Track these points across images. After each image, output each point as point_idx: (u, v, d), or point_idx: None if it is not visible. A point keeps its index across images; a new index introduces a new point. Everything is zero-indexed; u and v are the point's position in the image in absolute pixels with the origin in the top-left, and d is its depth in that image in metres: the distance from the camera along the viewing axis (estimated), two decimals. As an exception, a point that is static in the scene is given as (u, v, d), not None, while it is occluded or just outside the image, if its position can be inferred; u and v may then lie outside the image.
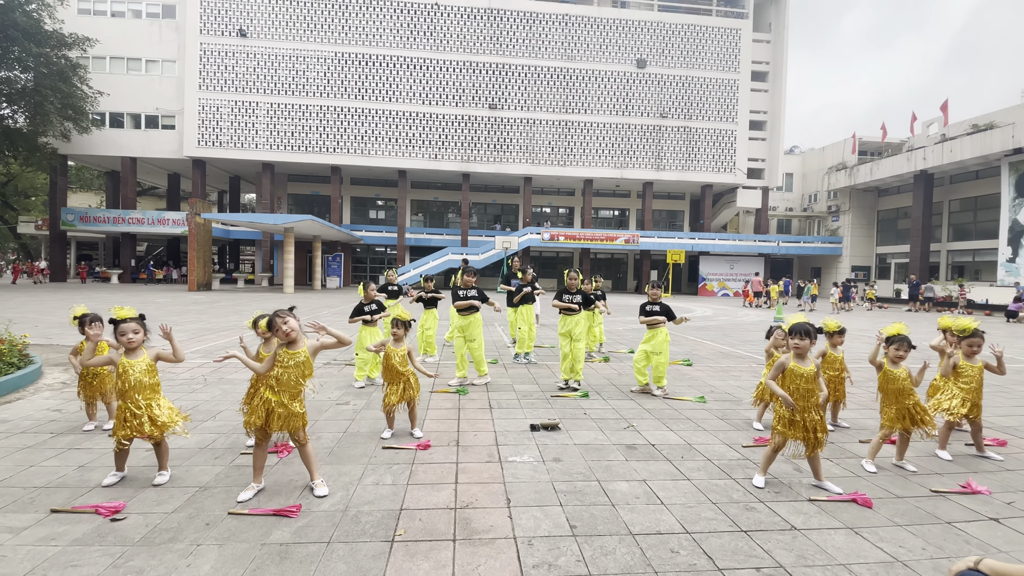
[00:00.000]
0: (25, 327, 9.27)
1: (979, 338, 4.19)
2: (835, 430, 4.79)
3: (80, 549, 2.46)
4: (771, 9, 34.94)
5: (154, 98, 29.58)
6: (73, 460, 3.56)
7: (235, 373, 6.49)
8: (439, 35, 30.84)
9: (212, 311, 14.47)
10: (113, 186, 34.43)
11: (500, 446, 4.09)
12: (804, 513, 3.07)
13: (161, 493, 3.08)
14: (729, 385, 6.65)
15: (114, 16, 29.39)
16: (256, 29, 29.49)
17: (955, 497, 3.36)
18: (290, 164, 31.30)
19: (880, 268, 34.84)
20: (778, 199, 40.02)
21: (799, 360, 3.38)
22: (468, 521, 2.85)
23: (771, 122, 34.73)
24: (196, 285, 24.12)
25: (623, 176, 32.72)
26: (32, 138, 24.44)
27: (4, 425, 4.28)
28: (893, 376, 3.79)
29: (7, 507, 2.86)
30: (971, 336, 4.19)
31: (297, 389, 3.10)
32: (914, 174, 29.18)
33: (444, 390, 5.86)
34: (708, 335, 12.12)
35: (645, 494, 3.28)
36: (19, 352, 5.85)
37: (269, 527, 2.71)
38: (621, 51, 32.20)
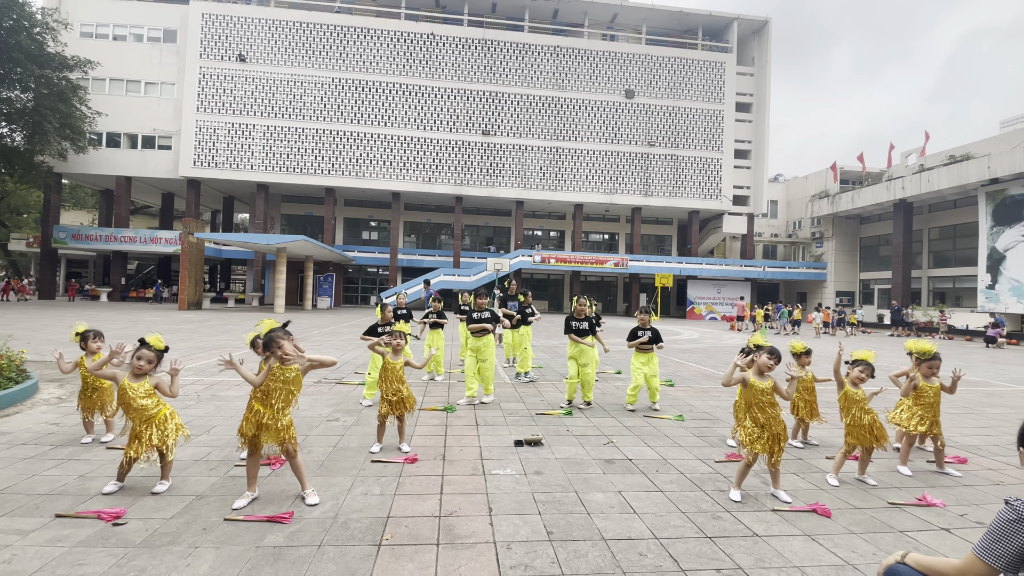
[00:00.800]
0: (18, 344, 9.32)
1: (937, 360, 4.49)
2: (804, 447, 5.03)
3: (85, 550, 2.62)
4: (754, 43, 36.39)
5: (152, 119, 29.99)
6: (73, 470, 3.70)
7: (228, 390, 6.63)
8: (434, 63, 31.74)
9: (203, 330, 14.54)
10: (107, 204, 34.54)
11: (484, 460, 4.28)
12: (766, 522, 3.29)
13: (160, 501, 3.23)
14: (708, 405, 6.88)
15: (116, 39, 29.99)
16: (255, 54, 30.19)
17: (911, 509, 3.60)
18: (285, 185, 31.69)
19: (864, 293, 35.58)
20: (763, 225, 40.96)
21: (759, 377, 3.65)
22: (451, 528, 3.04)
23: (755, 151, 35.80)
24: (187, 304, 24.10)
25: (612, 201, 33.43)
26: (29, 157, 24.65)
27: (5, 437, 4.41)
28: (852, 396, 4.07)
29: (14, 512, 3.01)
30: (931, 359, 4.49)
31: (287, 403, 3.28)
32: (894, 203, 30.12)
33: (432, 407, 6.04)
34: (693, 357, 12.39)
35: (619, 504, 3.48)
36: (17, 367, 5.97)
37: (263, 532, 2.88)
38: (610, 81, 33.28)
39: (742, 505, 3.53)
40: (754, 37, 36.34)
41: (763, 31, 35.44)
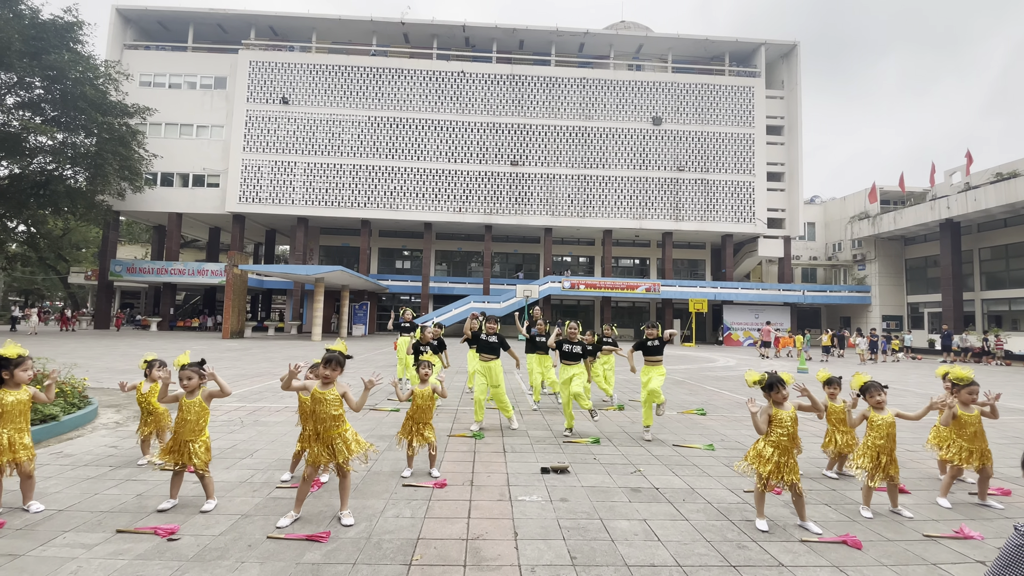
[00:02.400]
0: (77, 372, 10.01)
1: (975, 387, 4.36)
2: (839, 479, 4.91)
3: (143, 562, 2.86)
4: (783, 67, 36.31)
5: (202, 159, 32.05)
6: (131, 490, 4.01)
7: (269, 416, 6.95)
8: (464, 99, 32.95)
9: (245, 358, 15.18)
10: (159, 239, 36.76)
11: (511, 486, 4.38)
12: (793, 552, 3.26)
13: (209, 519, 3.48)
14: (740, 434, 6.77)
15: (171, 87, 32.45)
16: (297, 96, 32.09)
17: (946, 541, 3.49)
18: (323, 218, 33.09)
19: (913, 317, 33.99)
20: (801, 248, 39.98)
21: (778, 406, 3.67)
22: (478, 550, 3.15)
23: (789, 173, 35.29)
24: (230, 333, 25.16)
25: (642, 227, 33.39)
26: (91, 196, 26.59)
27: (69, 459, 4.79)
28: (876, 422, 3.99)
29: (79, 527, 3.30)
30: (968, 385, 4.37)
31: (337, 421, 3.54)
32: (939, 222, 28.99)
33: (461, 434, 6.18)
34: (727, 385, 12.13)
35: (644, 532, 3.52)
36: (79, 394, 6.46)
37: (302, 550, 3.07)
38: (637, 109, 33.70)
39: (769, 535, 3.51)
40: (783, 61, 36.29)
41: (791, 55, 35.38)
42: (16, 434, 3.47)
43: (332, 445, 3.49)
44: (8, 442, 3.41)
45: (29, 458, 3.51)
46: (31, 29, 22.10)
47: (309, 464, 3.52)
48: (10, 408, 3.45)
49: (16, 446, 3.45)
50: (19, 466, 3.46)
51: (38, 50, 22.36)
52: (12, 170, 25.39)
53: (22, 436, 3.50)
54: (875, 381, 4.08)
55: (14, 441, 3.44)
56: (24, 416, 3.55)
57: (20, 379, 3.54)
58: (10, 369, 3.50)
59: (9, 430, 3.44)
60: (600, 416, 7.47)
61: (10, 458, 3.41)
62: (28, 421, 3.59)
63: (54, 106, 24.50)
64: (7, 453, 3.40)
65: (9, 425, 3.45)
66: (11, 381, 3.52)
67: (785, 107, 35.60)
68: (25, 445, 3.50)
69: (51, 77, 23.26)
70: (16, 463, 3.45)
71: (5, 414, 3.44)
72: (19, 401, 3.51)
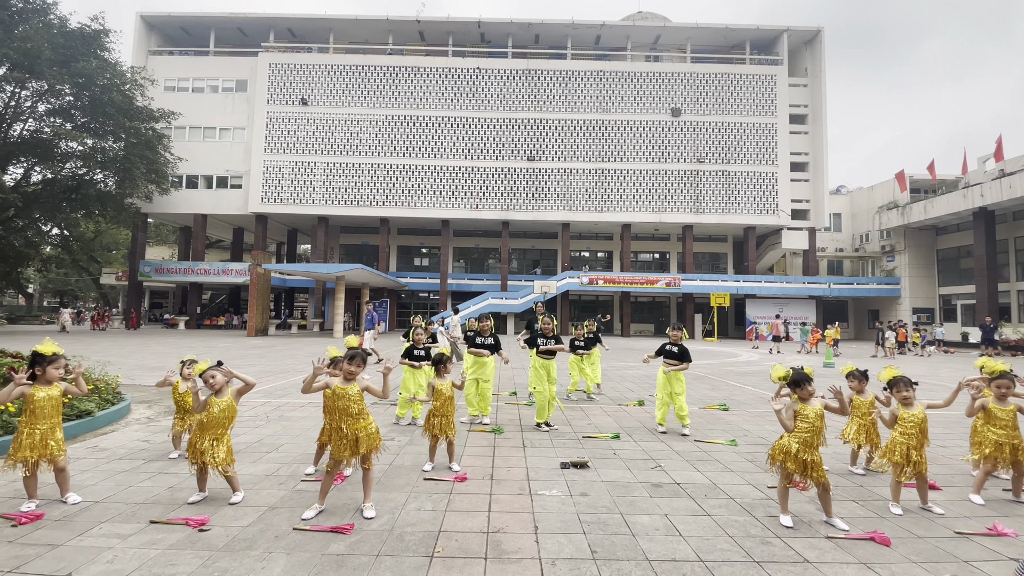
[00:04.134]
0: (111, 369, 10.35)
1: (1008, 380, 4.21)
2: (867, 474, 4.80)
3: (176, 552, 2.96)
4: (806, 54, 35.36)
5: (225, 161, 32.72)
6: (163, 482, 4.14)
7: (294, 411, 7.10)
8: (480, 95, 32.95)
9: (270, 355, 15.50)
10: (185, 240, 37.71)
11: (531, 481, 4.39)
12: (819, 548, 3.21)
13: (237, 511, 3.57)
14: (763, 429, 6.67)
15: (194, 92, 33.17)
16: (316, 97, 32.50)
17: (979, 539, 3.39)
18: (343, 217, 33.51)
19: (945, 310, 32.92)
20: (827, 240, 39.03)
21: (804, 402, 3.60)
22: (499, 543, 3.17)
23: (813, 163, 34.43)
24: (254, 331, 25.71)
25: (661, 220, 32.98)
26: (120, 199, 27.36)
27: (104, 452, 4.97)
28: (906, 419, 3.89)
29: (115, 518, 3.42)
30: (999, 377, 4.22)
31: (360, 414, 3.60)
32: (973, 211, 28.00)
33: (481, 429, 6.22)
34: (750, 380, 11.95)
35: (665, 527, 3.49)
36: (113, 390, 6.69)
37: (327, 541, 3.13)
38: (655, 101, 33.24)
39: (794, 531, 3.45)
40: (806, 47, 35.34)
41: (815, 41, 34.44)
42: (49, 431, 3.60)
43: (356, 438, 3.55)
44: (41, 438, 3.55)
45: (61, 452, 3.64)
46: (60, 38, 22.79)
47: (333, 457, 3.59)
48: (42, 404, 3.58)
49: (48, 442, 3.57)
50: (53, 461, 3.61)
51: (67, 58, 23.04)
52: (45, 175, 26.30)
53: (54, 432, 3.63)
54: (903, 376, 3.97)
55: (46, 437, 3.57)
56: (57, 412, 3.68)
57: (51, 376, 3.67)
58: (43, 366, 3.64)
59: (43, 427, 3.57)
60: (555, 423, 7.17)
61: (43, 453, 3.54)
62: (60, 417, 3.73)
63: (83, 112, 25.25)
64: (39, 449, 3.53)
65: (42, 422, 3.57)
66: (43, 378, 3.66)
67: (809, 95, 34.68)
68: (57, 440, 3.63)
69: (80, 84, 23.96)
70: (50, 459, 3.58)
71: (37, 410, 3.57)
72: (50, 397, 3.64)
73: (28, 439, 3.51)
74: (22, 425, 3.56)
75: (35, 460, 3.52)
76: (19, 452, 3.50)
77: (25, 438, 3.52)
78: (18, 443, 3.52)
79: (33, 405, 3.56)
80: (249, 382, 3.84)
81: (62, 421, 3.78)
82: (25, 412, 3.58)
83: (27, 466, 3.52)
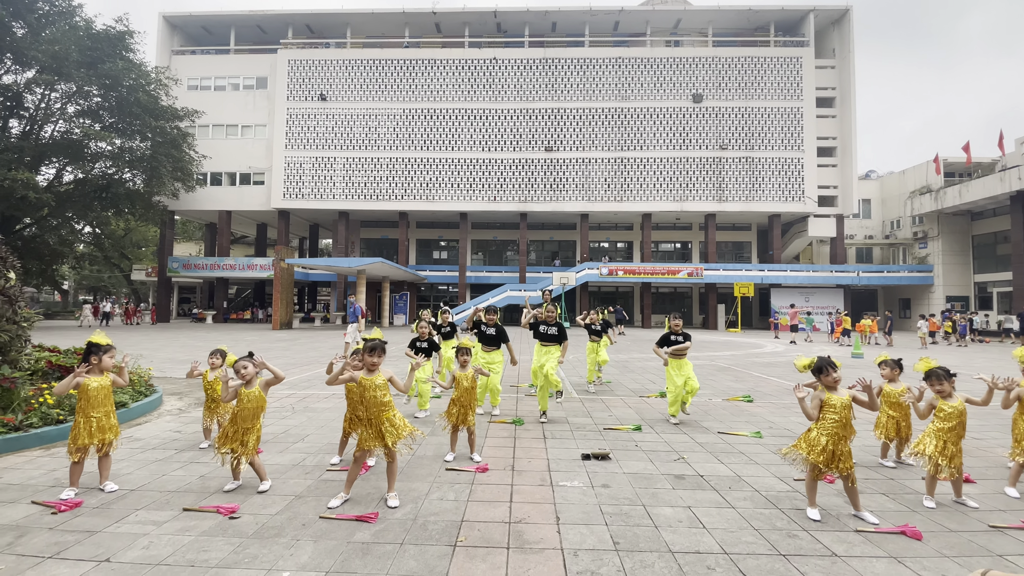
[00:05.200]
0: (143, 362, 10.70)
1: None
2: (897, 467, 4.68)
3: (208, 539, 3.06)
4: (834, 34, 34.17)
5: (247, 158, 33.29)
6: (195, 471, 4.27)
7: (318, 403, 7.24)
8: (497, 86, 32.75)
9: (294, 348, 15.82)
10: (211, 236, 38.59)
11: (552, 472, 4.40)
12: (848, 542, 3.14)
13: (265, 499, 3.67)
14: (789, 421, 6.55)
15: (216, 90, 33.76)
16: (334, 93, 32.77)
17: (1014, 533, 3.28)
18: (363, 211, 33.85)
19: (981, 298, 31.75)
20: (855, 227, 37.91)
21: (830, 391, 3.51)
22: (521, 533, 3.19)
23: (842, 147, 33.39)
24: (279, 324, 26.24)
25: (683, 209, 32.45)
26: (148, 197, 28.11)
27: (138, 443, 5.14)
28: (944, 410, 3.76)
29: (149, 505, 3.55)
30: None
31: (386, 406, 3.65)
32: (1010, 195, 26.85)
33: (502, 420, 6.25)
34: (776, 371, 11.74)
35: (688, 519, 3.47)
36: (145, 383, 6.91)
37: (353, 529, 3.20)
38: (676, 87, 32.58)
39: (822, 525, 3.39)
40: (834, 27, 34.14)
41: (843, 20, 33.23)
42: (105, 417, 3.81)
43: (381, 429, 3.60)
44: (98, 425, 3.75)
45: (116, 436, 3.87)
46: (86, 40, 23.38)
47: (360, 447, 3.64)
48: (95, 392, 3.79)
49: (105, 427, 3.80)
50: (106, 445, 3.81)
51: (94, 60, 23.64)
52: (76, 175, 27.13)
53: (110, 418, 3.86)
54: (940, 367, 3.84)
55: (103, 423, 3.79)
56: (109, 399, 3.89)
57: (106, 365, 3.89)
58: (99, 355, 3.85)
59: (99, 413, 3.78)
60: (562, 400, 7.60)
61: (100, 439, 3.75)
62: (113, 404, 3.93)
63: (111, 113, 25.93)
64: (97, 435, 3.74)
65: (99, 408, 3.78)
66: (97, 367, 3.86)
67: (837, 77, 33.55)
68: (112, 426, 3.86)
69: (107, 85, 24.58)
70: (105, 443, 3.79)
71: (92, 399, 3.76)
72: (103, 386, 3.85)
73: (86, 427, 3.71)
74: (79, 414, 3.75)
75: (91, 445, 3.72)
76: (79, 439, 3.70)
77: (83, 426, 3.71)
78: (77, 431, 3.71)
79: (88, 394, 3.76)
80: (279, 375, 3.94)
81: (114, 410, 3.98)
82: (80, 401, 3.77)
83: (81, 452, 3.71)
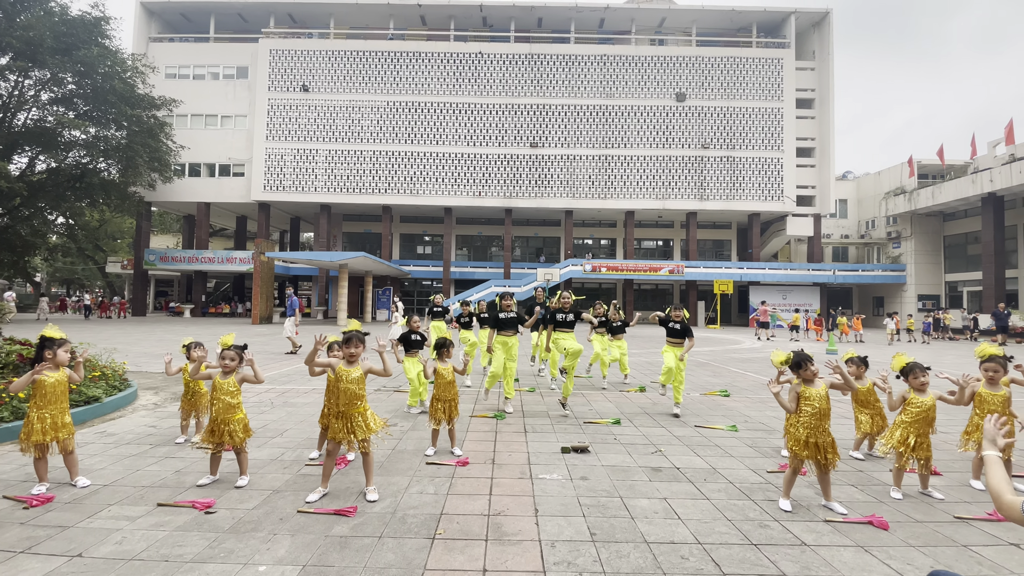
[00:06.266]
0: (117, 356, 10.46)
1: (995, 363, 4.16)
2: (866, 459, 4.83)
3: (183, 534, 3.02)
4: (814, 36, 34.80)
5: (227, 149, 32.65)
6: (170, 466, 4.21)
7: (298, 397, 7.17)
8: (482, 81, 32.62)
9: (274, 343, 15.61)
10: (189, 228, 37.81)
11: (532, 465, 4.44)
12: (817, 532, 3.24)
13: (243, 494, 3.64)
14: (764, 415, 6.70)
15: (195, 79, 33.00)
16: (317, 84, 32.28)
17: (979, 523, 3.41)
18: (345, 205, 33.47)
19: (951, 297, 32.75)
20: (832, 226, 38.76)
21: (808, 384, 3.60)
22: (499, 525, 3.22)
23: (820, 148, 34.06)
24: (259, 318, 25.86)
25: (665, 207, 32.79)
26: (123, 188, 27.35)
27: (112, 438, 5.04)
28: (915, 403, 3.88)
29: (123, 501, 3.49)
30: (987, 361, 4.18)
31: (358, 399, 3.64)
32: (981, 197, 27.71)
33: (483, 414, 6.27)
34: (752, 367, 11.96)
35: (664, 510, 3.53)
36: (120, 377, 6.77)
37: (331, 523, 3.19)
38: (660, 86, 32.84)
39: (792, 515, 3.48)
40: (814, 30, 34.76)
41: (823, 23, 33.86)
42: (59, 415, 3.68)
43: (352, 422, 3.59)
44: (52, 423, 3.63)
45: (70, 435, 3.73)
46: (61, 26, 22.63)
47: (329, 439, 3.64)
48: (51, 389, 3.66)
49: (59, 425, 3.66)
50: (63, 444, 3.70)
51: (68, 46, 22.90)
52: (49, 164, 26.30)
53: (63, 416, 3.72)
54: (917, 362, 3.95)
55: (56, 421, 3.66)
56: (64, 396, 3.76)
57: (61, 360, 3.75)
58: (53, 349, 3.71)
59: (52, 411, 3.65)
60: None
61: (53, 437, 3.63)
62: (67, 401, 3.81)
63: (85, 101, 25.17)
64: (51, 433, 3.62)
65: (52, 406, 3.66)
66: (52, 361, 3.72)
67: (816, 79, 34.19)
68: (65, 424, 3.72)
69: (81, 72, 23.83)
70: (58, 441, 3.67)
71: (48, 395, 3.64)
72: (59, 382, 3.72)
73: (39, 423, 3.59)
74: (32, 410, 3.63)
75: (47, 443, 3.61)
76: (32, 436, 3.57)
77: (36, 422, 3.59)
78: (29, 427, 3.59)
79: (44, 390, 3.64)
80: (260, 377, 3.91)
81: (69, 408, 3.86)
82: (34, 397, 3.64)
83: (39, 450, 3.60)
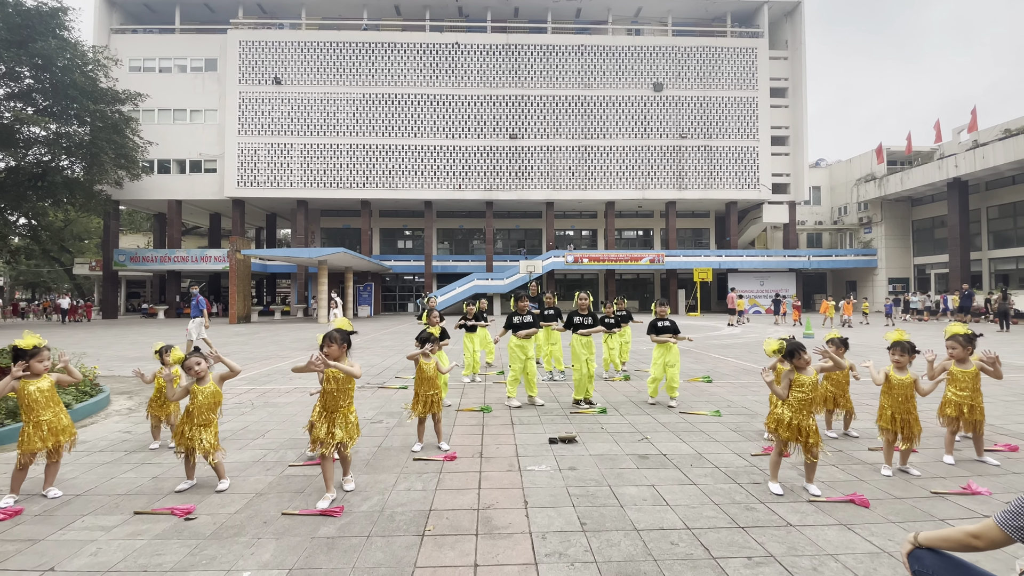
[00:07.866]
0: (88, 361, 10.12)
1: (955, 341, 4.29)
2: (841, 439, 4.94)
3: (162, 542, 2.92)
4: (787, 26, 35.25)
5: (197, 144, 31.71)
6: (147, 472, 4.08)
7: (279, 397, 7.03)
8: (460, 72, 32.27)
9: (253, 342, 15.31)
10: (160, 227, 36.73)
11: (520, 457, 4.43)
12: (801, 512, 3.30)
13: (224, 498, 3.54)
14: (747, 400, 6.81)
15: (162, 72, 31.90)
16: (289, 76, 31.51)
17: (954, 498, 3.52)
18: (323, 200, 32.89)
19: (920, 279, 33.79)
20: (806, 213, 39.56)
21: (800, 371, 3.66)
22: (489, 519, 3.20)
23: (794, 136, 34.63)
24: (236, 318, 25.32)
25: (645, 197, 33.02)
26: (88, 186, 26.37)
27: (85, 445, 4.86)
28: (897, 382, 3.98)
29: (97, 510, 3.36)
30: (951, 339, 4.32)
31: (347, 400, 3.58)
32: (947, 182, 28.56)
33: (470, 408, 6.24)
34: (733, 352, 12.17)
35: (652, 497, 3.56)
36: (91, 382, 6.53)
37: (317, 524, 3.12)
38: (637, 76, 32.93)
39: (777, 497, 3.54)
40: (786, 19, 35.22)
41: (795, 13, 34.31)
42: (55, 419, 3.58)
43: (335, 423, 3.51)
44: (49, 428, 3.53)
45: (71, 437, 3.66)
46: (16, 17, 21.59)
47: (312, 442, 3.53)
48: (36, 396, 3.53)
49: (57, 430, 3.58)
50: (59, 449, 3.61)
51: (24, 38, 21.89)
52: (8, 163, 25.20)
53: (61, 419, 3.63)
54: (901, 342, 4.04)
55: (54, 427, 3.56)
56: (54, 399, 3.64)
57: (36, 370, 3.59)
58: (27, 360, 3.55)
59: (47, 415, 3.55)
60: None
61: (54, 442, 3.54)
62: (61, 404, 3.70)
63: (45, 96, 24.14)
64: (51, 438, 3.53)
65: (46, 411, 3.55)
66: (30, 371, 3.59)
67: (789, 68, 34.69)
68: (66, 427, 3.64)
69: (39, 66, 22.83)
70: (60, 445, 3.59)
71: (32, 403, 3.51)
72: (41, 389, 3.57)
73: (36, 430, 3.48)
74: (26, 422, 3.52)
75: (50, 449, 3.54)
76: (29, 444, 3.46)
77: (32, 429, 3.48)
78: (26, 435, 3.48)
79: (28, 399, 3.51)
80: (234, 368, 3.79)
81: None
82: (22, 406, 3.53)
83: (31, 459, 3.50)
